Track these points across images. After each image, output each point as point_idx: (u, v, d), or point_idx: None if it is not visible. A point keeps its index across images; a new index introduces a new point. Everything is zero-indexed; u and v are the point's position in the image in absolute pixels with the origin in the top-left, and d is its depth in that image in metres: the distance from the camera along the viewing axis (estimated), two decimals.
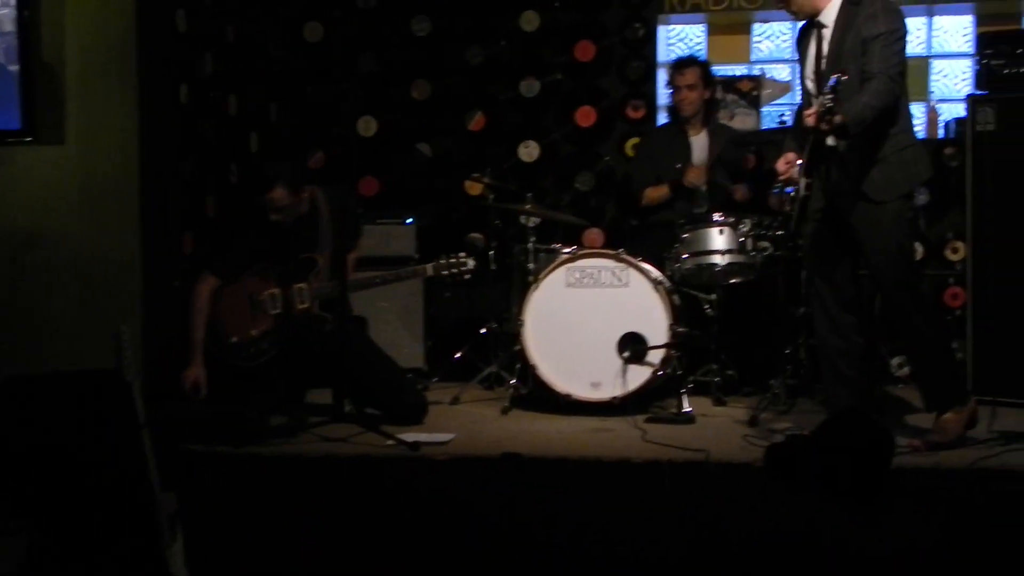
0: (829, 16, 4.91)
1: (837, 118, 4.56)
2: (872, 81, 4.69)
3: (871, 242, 4.86)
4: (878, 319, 6.16)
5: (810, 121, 4.66)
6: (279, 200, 5.52)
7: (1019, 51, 5.75)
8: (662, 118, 7.28)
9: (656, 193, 6.65)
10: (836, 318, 4.99)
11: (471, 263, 5.67)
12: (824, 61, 4.89)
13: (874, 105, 4.66)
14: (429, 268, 5.70)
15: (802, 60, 5.08)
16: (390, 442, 4.97)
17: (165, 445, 4.44)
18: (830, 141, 4.74)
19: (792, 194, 4.86)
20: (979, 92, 5.88)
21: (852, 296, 5.02)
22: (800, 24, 5.13)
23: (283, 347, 5.57)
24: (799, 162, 4.82)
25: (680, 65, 6.66)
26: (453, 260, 5.66)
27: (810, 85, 4.97)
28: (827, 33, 4.90)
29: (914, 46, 6.83)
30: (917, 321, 4.86)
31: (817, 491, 4.15)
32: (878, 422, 4.48)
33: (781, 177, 4.96)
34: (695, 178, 6.46)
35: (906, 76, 4.89)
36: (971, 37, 7.23)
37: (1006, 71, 5.74)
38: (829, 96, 4.55)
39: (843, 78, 4.62)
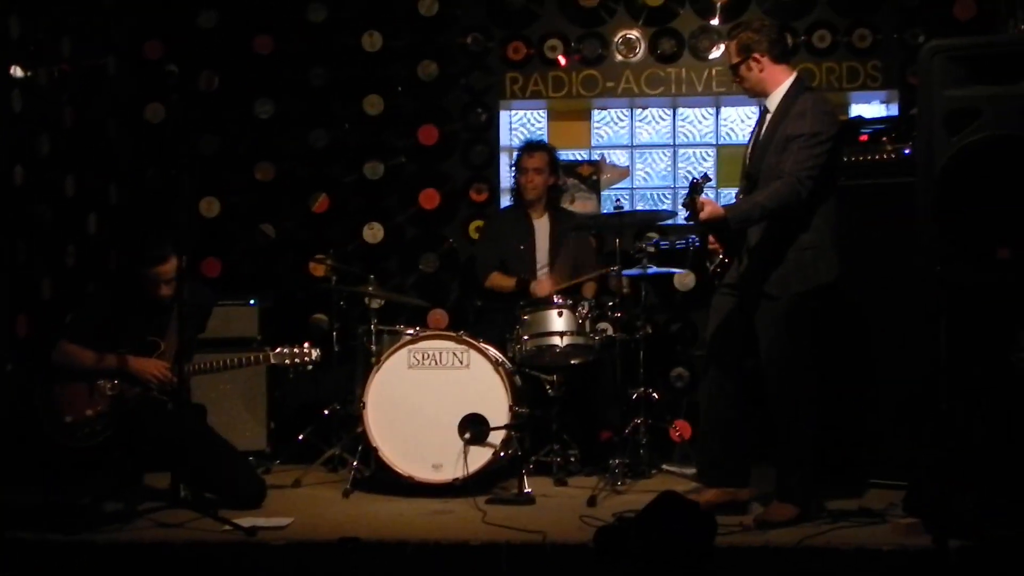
0: (774, 101, 4.98)
1: (703, 214, 4.65)
2: (777, 181, 4.75)
3: (762, 333, 4.96)
4: None
5: (687, 213, 4.72)
6: (170, 272, 5.38)
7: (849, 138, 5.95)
8: (505, 201, 7.39)
9: (503, 282, 6.73)
10: (727, 388, 5.09)
11: (315, 354, 5.66)
12: (760, 144, 4.98)
13: (766, 205, 4.72)
14: (272, 356, 5.66)
15: (751, 137, 5.16)
16: (226, 527, 4.89)
17: None
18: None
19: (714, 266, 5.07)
20: None
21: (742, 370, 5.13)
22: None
23: (119, 429, 5.44)
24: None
25: (530, 148, 6.79)
26: (297, 350, 5.64)
27: (747, 164, 5.06)
28: (769, 118, 4.98)
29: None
30: (794, 418, 4.94)
31: (643, 572, 4.21)
32: (699, 505, 4.56)
33: (710, 247, 5.07)
34: (542, 291, 6.48)
35: (830, 179, 4.87)
36: None
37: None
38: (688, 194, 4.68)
39: (704, 178, 4.70)
